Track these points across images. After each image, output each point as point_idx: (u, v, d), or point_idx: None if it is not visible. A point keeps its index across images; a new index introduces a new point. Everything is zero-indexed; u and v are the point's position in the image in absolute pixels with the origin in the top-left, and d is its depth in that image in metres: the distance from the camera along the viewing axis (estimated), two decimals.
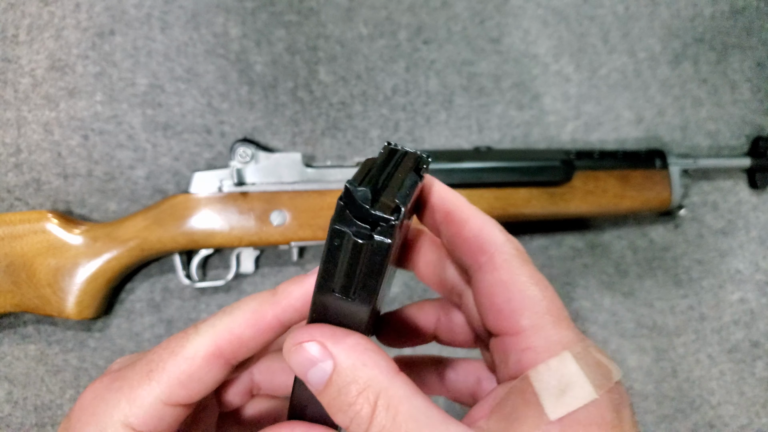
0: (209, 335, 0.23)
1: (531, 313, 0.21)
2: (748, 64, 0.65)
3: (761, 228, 0.63)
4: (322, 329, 0.21)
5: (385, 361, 0.20)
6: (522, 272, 0.22)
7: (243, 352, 0.24)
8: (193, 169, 0.53)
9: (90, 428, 0.23)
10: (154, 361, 0.23)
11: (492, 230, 0.23)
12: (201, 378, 0.23)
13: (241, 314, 0.23)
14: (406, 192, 0.19)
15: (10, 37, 0.52)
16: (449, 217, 0.24)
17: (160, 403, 0.23)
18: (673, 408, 0.58)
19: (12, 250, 0.46)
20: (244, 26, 0.55)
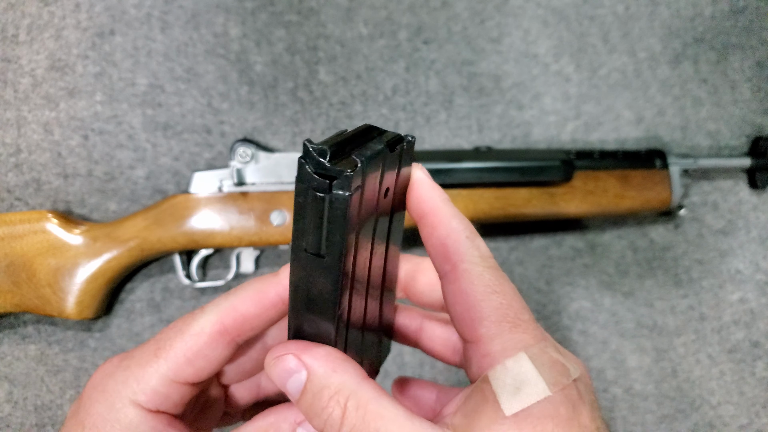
0: (214, 313, 0.24)
1: (488, 322, 0.22)
2: (748, 64, 0.65)
3: (761, 228, 0.63)
4: (297, 344, 0.23)
5: (353, 368, 0.22)
6: (481, 281, 0.22)
7: (247, 330, 0.25)
8: (193, 169, 0.53)
9: (99, 406, 0.24)
10: (162, 339, 0.24)
11: (458, 237, 0.23)
12: (207, 355, 0.24)
13: (245, 293, 0.24)
14: (368, 153, 0.19)
15: (10, 37, 0.52)
16: (422, 220, 0.24)
17: (167, 380, 0.24)
18: (673, 408, 0.58)
19: (12, 250, 0.46)
20: (244, 26, 0.55)
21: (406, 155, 0.22)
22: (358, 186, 0.19)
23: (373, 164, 0.20)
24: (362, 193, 0.19)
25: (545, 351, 0.21)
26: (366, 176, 0.19)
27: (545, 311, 0.58)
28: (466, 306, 0.22)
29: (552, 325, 0.58)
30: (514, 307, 0.22)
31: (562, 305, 0.59)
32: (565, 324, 0.58)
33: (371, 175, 0.20)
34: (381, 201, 0.22)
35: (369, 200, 0.21)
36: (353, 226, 0.20)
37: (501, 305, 0.22)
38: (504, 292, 0.22)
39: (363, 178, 0.19)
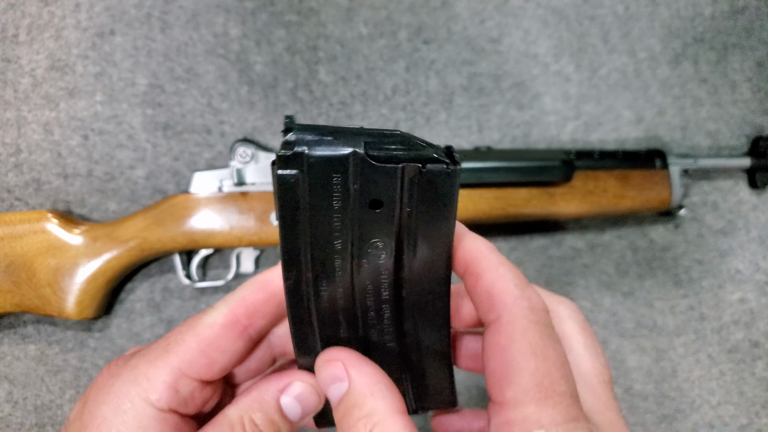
0: (224, 305, 0.24)
1: (517, 386, 0.20)
2: (748, 64, 0.65)
3: (761, 228, 0.63)
4: (349, 354, 0.23)
5: (392, 397, 0.21)
6: (523, 338, 0.20)
7: (258, 319, 0.25)
8: (193, 169, 0.53)
9: (106, 407, 0.23)
10: (172, 336, 0.24)
11: (505, 285, 0.22)
12: (220, 346, 0.24)
13: (251, 284, 0.25)
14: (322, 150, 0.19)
15: (10, 37, 0.52)
16: (468, 269, 0.23)
17: (180, 373, 0.23)
18: (673, 408, 0.58)
19: (12, 250, 0.46)
20: (244, 26, 0.55)
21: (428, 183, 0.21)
22: (294, 175, 0.20)
23: (327, 161, 0.19)
24: (309, 183, 0.20)
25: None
26: (318, 169, 0.20)
27: None
28: (501, 364, 0.20)
29: None
30: (551, 375, 0.20)
31: None
32: None
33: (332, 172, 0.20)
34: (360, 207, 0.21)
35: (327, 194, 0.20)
36: (289, 207, 0.21)
37: (537, 370, 0.20)
38: (545, 356, 0.20)
39: (306, 167, 0.19)
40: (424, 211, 0.21)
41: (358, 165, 0.20)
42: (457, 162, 0.20)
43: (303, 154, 0.19)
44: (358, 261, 0.22)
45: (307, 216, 0.21)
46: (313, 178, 0.20)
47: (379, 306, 0.24)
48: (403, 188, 0.20)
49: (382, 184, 0.20)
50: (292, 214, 0.21)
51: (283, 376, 0.26)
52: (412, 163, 0.20)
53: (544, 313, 0.21)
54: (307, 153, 0.19)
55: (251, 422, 0.24)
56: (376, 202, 0.21)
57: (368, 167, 0.20)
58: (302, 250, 0.22)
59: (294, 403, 0.25)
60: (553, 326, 0.22)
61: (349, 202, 0.21)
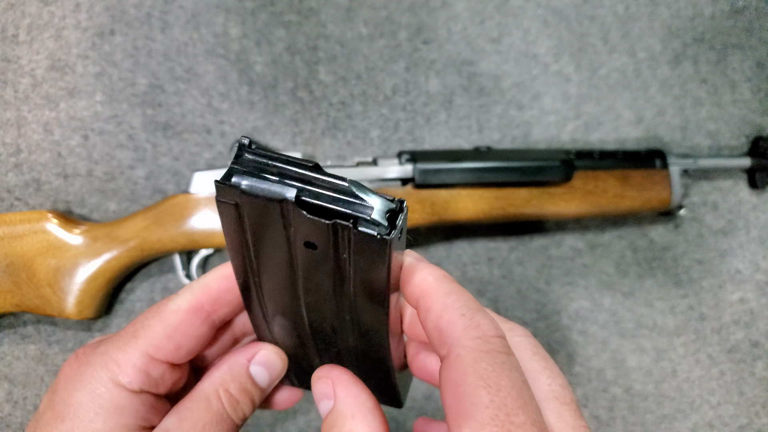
0: (189, 292, 0.25)
1: (472, 422, 0.19)
2: (748, 64, 0.65)
3: (761, 228, 0.63)
4: (340, 373, 0.24)
5: (372, 419, 0.22)
6: (474, 370, 0.19)
7: (221, 306, 0.26)
8: (193, 169, 0.53)
9: (80, 393, 0.23)
10: (139, 322, 0.25)
11: (452, 317, 0.21)
12: (185, 330, 0.25)
13: (216, 272, 0.26)
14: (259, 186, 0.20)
15: (10, 37, 0.52)
16: (418, 304, 0.22)
17: (148, 357, 0.24)
18: (673, 408, 0.58)
19: (12, 250, 0.46)
20: (244, 26, 0.55)
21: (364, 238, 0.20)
22: (231, 204, 0.20)
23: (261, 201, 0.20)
24: (243, 211, 0.21)
25: None
26: (253, 205, 0.20)
27: (545, 311, 0.58)
28: (455, 400, 0.19)
29: (551, 325, 0.58)
30: (507, 406, 0.19)
31: (562, 305, 0.59)
32: (564, 324, 0.58)
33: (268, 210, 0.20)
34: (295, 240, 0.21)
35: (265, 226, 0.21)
36: (230, 230, 0.22)
37: (491, 403, 0.19)
38: (499, 387, 0.19)
39: (241, 201, 0.20)
40: (359, 261, 0.21)
41: (290, 213, 0.20)
42: (395, 229, 0.19)
43: (239, 188, 0.19)
44: (303, 281, 0.23)
45: (250, 239, 0.22)
46: (250, 210, 0.20)
47: (325, 318, 0.25)
48: (337, 239, 0.20)
49: (315, 233, 0.20)
50: (234, 237, 0.22)
51: (249, 348, 0.28)
52: (342, 221, 0.19)
53: (497, 340, 0.20)
54: (242, 188, 0.19)
55: (227, 392, 0.26)
56: (311, 244, 0.21)
57: (300, 216, 0.19)
58: (247, 264, 0.23)
59: (262, 370, 0.27)
60: (510, 351, 0.20)
61: (285, 237, 0.21)
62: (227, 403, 0.25)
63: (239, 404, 0.26)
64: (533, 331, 0.57)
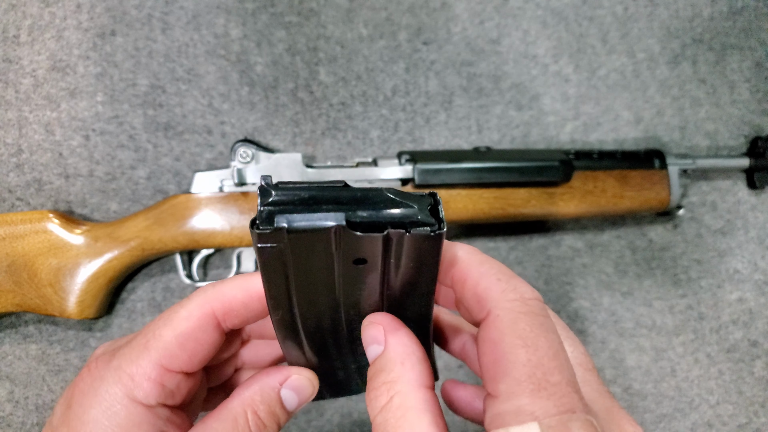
0: (201, 298, 0.25)
1: (509, 379, 0.19)
2: (746, 65, 0.65)
3: (760, 228, 0.63)
4: (393, 320, 0.24)
5: (420, 368, 0.22)
6: (513, 330, 0.20)
7: (234, 316, 0.25)
8: (194, 169, 0.54)
9: (94, 411, 0.23)
10: (149, 332, 0.24)
11: (489, 282, 0.21)
12: (198, 338, 0.24)
13: (232, 283, 0.25)
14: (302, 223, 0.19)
15: (11, 38, 0.52)
16: (453, 279, 0.23)
17: (161, 368, 0.24)
18: (672, 407, 0.59)
19: (13, 250, 0.46)
20: (244, 27, 0.56)
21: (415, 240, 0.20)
22: (275, 246, 0.19)
23: (309, 234, 0.19)
24: (287, 250, 0.20)
25: (566, 425, 0.18)
26: (299, 241, 0.19)
27: None
28: (493, 358, 0.20)
29: None
30: (544, 365, 0.19)
31: (561, 305, 0.59)
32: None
33: (314, 241, 0.20)
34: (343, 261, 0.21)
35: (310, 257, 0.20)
36: (271, 271, 0.21)
37: (528, 362, 0.19)
38: (537, 346, 0.19)
39: (287, 240, 0.19)
40: (409, 261, 0.21)
41: (340, 235, 0.19)
42: (442, 221, 0.20)
43: (285, 230, 0.19)
44: (345, 297, 0.23)
45: (291, 273, 0.21)
46: (294, 247, 0.20)
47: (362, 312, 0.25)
48: (387, 249, 0.20)
49: (366, 248, 0.20)
50: (275, 275, 0.21)
51: (281, 370, 0.27)
52: (395, 229, 0.19)
53: (535, 302, 0.21)
54: (289, 228, 0.19)
55: (255, 415, 0.25)
56: (361, 260, 0.21)
57: (351, 238, 0.19)
58: (287, 298, 0.23)
59: (292, 394, 0.26)
60: (547, 314, 0.21)
61: (332, 261, 0.21)
62: (254, 426, 0.25)
63: (266, 428, 0.25)
64: None
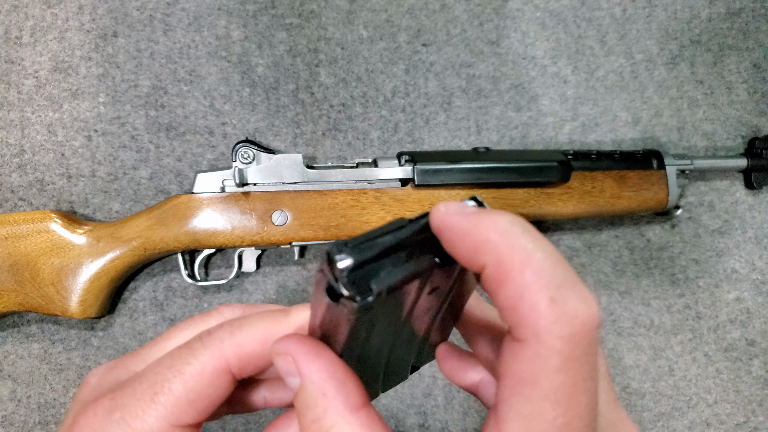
0: (217, 350, 0.22)
1: (521, 427, 0.17)
2: (744, 66, 0.65)
3: (757, 228, 0.64)
4: (298, 343, 0.20)
5: (345, 391, 0.19)
6: (549, 381, 0.16)
7: (250, 369, 0.23)
8: (196, 169, 0.54)
9: None
10: (158, 383, 0.22)
11: (537, 300, 0.16)
12: (209, 395, 0.22)
13: (251, 331, 0.22)
14: (390, 281, 0.18)
15: (13, 39, 0.52)
16: (483, 270, 0.17)
17: (169, 426, 0.22)
18: (669, 406, 0.59)
19: (16, 249, 0.47)
20: (245, 29, 0.56)
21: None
22: (368, 306, 0.18)
23: (398, 287, 0.18)
24: (376, 308, 0.18)
25: None
26: (384, 297, 0.18)
27: None
28: (513, 391, 0.17)
29: None
30: (570, 427, 0.16)
31: None
32: None
33: (396, 291, 0.18)
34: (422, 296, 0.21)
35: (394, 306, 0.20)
36: (357, 332, 0.20)
37: (552, 420, 0.16)
38: (570, 405, 0.16)
39: (377, 300, 0.18)
40: (464, 278, 0.22)
41: (429, 273, 0.19)
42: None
43: (383, 293, 0.17)
44: (404, 325, 0.22)
45: (370, 336, 0.20)
46: (387, 302, 0.19)
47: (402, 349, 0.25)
48: (460, 272, 0.21)
49: (444, 278, 0.20)
50: (360, 334, 0.20)
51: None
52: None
53: (591, 336, 0.16)
54: (387, 288, 0.17)
55: None
56: (436, 288, 0.21)
57: (438, 273, 0.19)
58: (357, 349, 0.21)
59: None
60: (596, 351, 0.17)
61: (411, 301, 0.20)
62: None
63: None
64: None
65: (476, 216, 0.17)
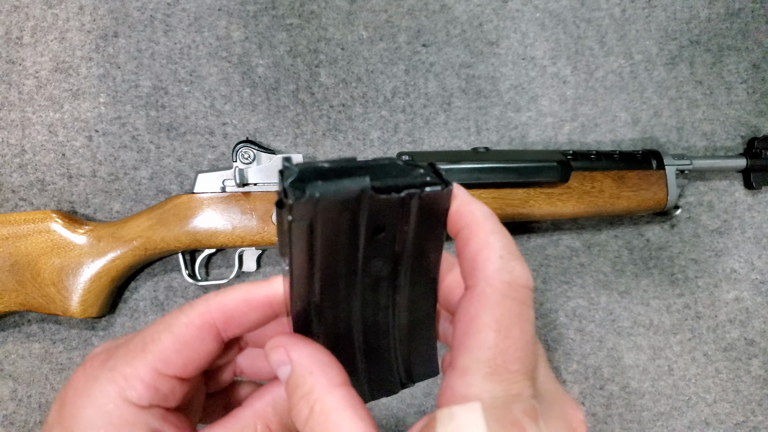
0: (203, 307, 0.24)
1: (471, 357, 0.20)
2: (743, 66, 0.66)
3: (756, 228, 0.64)
4: (290, 338, 0.24)
5: (330, 372, 0.22)
6: (491, 312, 0.20)
7: (234, 326, 0.25)
8: (197, 170, 0.54)
9: (88, 410, 0.23)
10: (149, 335, 0.24)
11: (489, 255, 0.21)
12: (195, 347, 0.24)
13: (234, 291, 0.25)
14: (331, 188, 0.20)
15: (14, 39, 0.53)
16: (460, 233, 0.23)
17: (155, 372, 0.23)
18: (669, 405, 0.59)
19: (17, 249, 0.47)
20: (246, 29, 0.56)
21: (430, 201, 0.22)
22: (306, 221, 0.20)
23: (339, 202, 0.20)
24: (317, 222, 0.20)
25: (509, 408, 0.19)
26: (329, 211, 0.20)
27: (542, 309, 0.59)
28: (464, 332, 0.21)
29: (549, 324, 0.59)
30: (508, 353, 0.20)
31: (559, 304, 0.60)
32: (561, 322, 0.59)
33: (342, 210, 0.20)
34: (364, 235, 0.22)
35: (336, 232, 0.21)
36: (300, 251, 0.21)
37: (495, 346, 0.20)
38: (507, 334, 0.20)
39: (319, 211, 0.20)
40: (420, 226, 0.23)
41: (366, 200, 0.21)
42: (446, 181, 0.22)
43: (316, 198, 0.19)
44: (362, 278, 0.24)
45: (317, 256, 0.22)
46: (324, 219, 0.20)
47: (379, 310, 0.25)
48: (404, 211, 0.22)
49: (386, 213, 0.22)
50: (303, 257, 0.22)
51: None
52: (412, 190, 0.21)
53: (524, 290, 0.21)
54: (319, 196, 0.19)
55: (266, 427, 0.24)
56: (379, 228, 0.22)
57: (375, 202, 0.21)
58: (308, 287, 0.23)
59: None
60: (531, 305, 0.21)
61: (354, 234, 0.22)
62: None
63: None
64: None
65: (469, 202, 0.24)
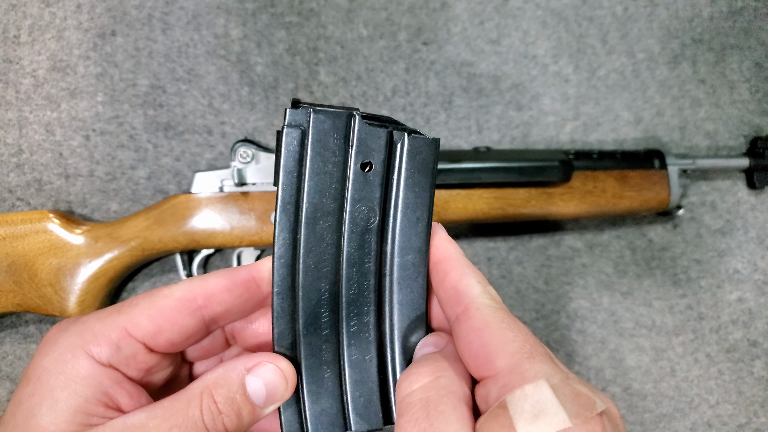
0: (186, 284, 0.25)
1: (505, 354, 0.22)
2: (746, 65, 0.65)
3: (759, 228, 0.63)
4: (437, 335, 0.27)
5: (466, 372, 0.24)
6: (494, 318, 0.23)
7: (215, 304, 0.26)
8: (195, 169, 0.54)
9: (48, 358, 0.23)
10: (129, 300, 0.25)
11: (470, 281, 0.25)
12: (171, 317, 0.25)
13: (218, 272, 0.26)
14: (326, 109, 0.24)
15: (11, 38, 0.52)
16: (435, 267, 0.26)
17: (123, 331, 0.24)
18: (671, 407, 0.59)
19: (14, 249, 0.46)
20: (244, 27, 0.56)
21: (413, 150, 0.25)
22: (298, 132, 0.24)
23: (329, 119, 0.23)
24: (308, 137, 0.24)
25: (568, 382, 0.21)
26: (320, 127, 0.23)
27: (544, 310, 0.59)
28: (482, 342, 0.23)
29: (551, 325, 0.59)
30: (530, 341, 0.22)
31: (561, 304, 0.59)
32: (563, 323, 0.59)
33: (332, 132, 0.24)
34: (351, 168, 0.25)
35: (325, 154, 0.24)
36: (290, 164, 0.24)
37: (517, 338, 0.22)
38: (518, 329, 0.23)
39: (311, 123, 0.23)
40: (407, 177, 0.25)
41: (354, 126, 0.24)
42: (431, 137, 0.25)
43: (309, 110, 0.23)
44: (348, 225, 0.25)
45: (305, 180, 0.24)
46: (314, 136, 0.24)
47: (363, 279, 0.26)
48: (391, 152, 0.25)
49: (374, 147, 0.24)
50: (293, 173, 0.24)
51: (252, 356, 0.25)
52: (399, 128, 0.24)
53: (503, 304, 0.24)
54: (312, 110, 0.23)
55: (210, 398, 0.24)
56: (367, 164, 0.24)
57: (363, 128, 0.24)
58: (297, 211, 0.25)
59: (259, 385, 0.24)
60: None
61: (343, 163, 0.24)
62: (206, 411, 0.23)
63: (220, 415, 0.24)
64: (532, 330, 0.58)
65: (447, 240, 0.27)
